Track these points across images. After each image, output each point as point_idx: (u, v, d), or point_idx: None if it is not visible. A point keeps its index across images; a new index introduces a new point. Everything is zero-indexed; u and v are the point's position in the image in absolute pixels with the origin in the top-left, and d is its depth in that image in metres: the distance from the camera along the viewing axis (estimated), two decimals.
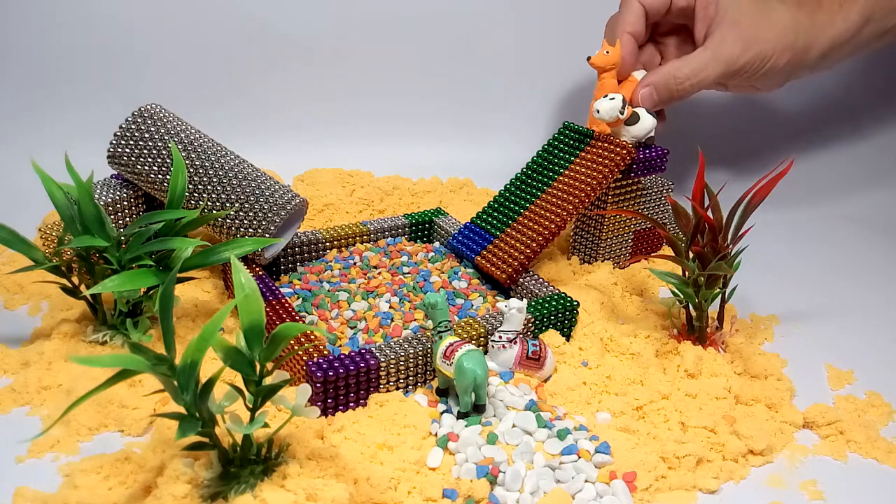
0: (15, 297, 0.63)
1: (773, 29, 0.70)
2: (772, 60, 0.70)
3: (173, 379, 0.36)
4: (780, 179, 0.56)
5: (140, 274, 0.52)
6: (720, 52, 0.69)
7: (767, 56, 0.70)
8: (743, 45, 0.69)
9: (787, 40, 0.70)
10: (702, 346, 0.58)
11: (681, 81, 0.69)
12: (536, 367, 0.53)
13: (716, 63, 0.69)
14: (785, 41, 0.70)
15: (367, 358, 0.49)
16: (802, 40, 0.71)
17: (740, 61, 0.69)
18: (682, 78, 0.69)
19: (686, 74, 0.69)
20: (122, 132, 0.63)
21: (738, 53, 0.69)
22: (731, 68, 0.69)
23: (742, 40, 0.69)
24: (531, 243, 0.64)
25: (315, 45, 0.96)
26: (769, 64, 0.70)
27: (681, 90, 0.69)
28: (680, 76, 0.69)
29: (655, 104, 0.70)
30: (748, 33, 0.69)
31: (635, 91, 0.70)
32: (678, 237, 0.58)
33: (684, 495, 0.46)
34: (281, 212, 0.62)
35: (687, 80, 0.69)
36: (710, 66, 0.69)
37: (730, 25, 0.69)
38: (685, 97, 0.70)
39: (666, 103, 0.71)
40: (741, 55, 0.69)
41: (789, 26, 0.70)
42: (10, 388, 0.51)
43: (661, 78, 0.69)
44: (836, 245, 0.85)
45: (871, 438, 0.52)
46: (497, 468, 0.44)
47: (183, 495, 0.40)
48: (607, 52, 0.67)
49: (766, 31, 0.70)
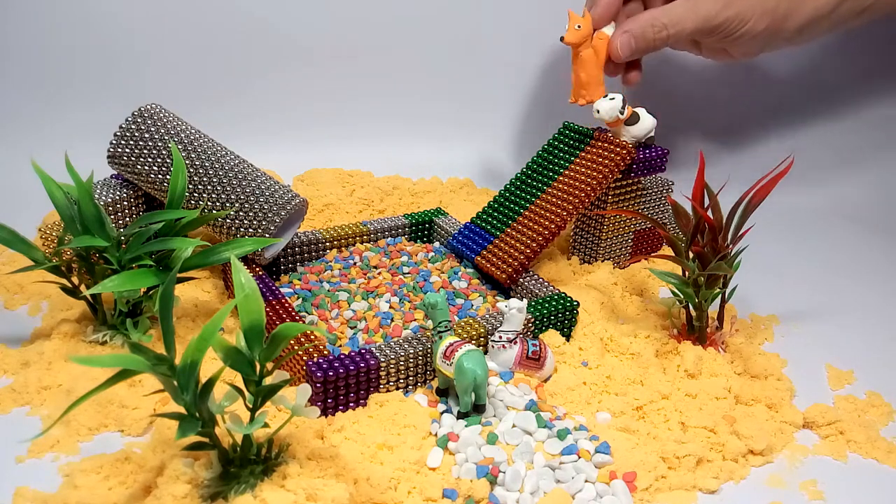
0: (15, 297, 0.63)
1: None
2: (750, 23, 0.70)
3: (173, 379, 0.36)
4: (781, 179, 0.57)
5: (140, 274, 0.52)
6: (700, 6, 0.69)
7: (746, 17, 0.69)
8: (724, 2, 0.68)
9: (769, 5, 0.70)
10: (702, 346, 0.58)
11: (658, 30, 0.69)
12: (536, 367, 0.53)
13: (695, 16, 0.69)
14: (766, 5, 0.69)
15: (367, 358, 0.49)
16: (784, 8, 0.70)
17: (719, 17, 0.69)
18: (659, 27, 0.69)
19: (664, 24, 0.69)
20: (122, 132, 0.63)
21: (718, 9, 0.68)
22: (708, 24, 0.69)
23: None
24: (531, 243, 0.64)
25: (315, 45, 0.96)
26: (747, 26, 0.70)
27: (658, 39, 0.69)
28: (657, 25, 0.69)
29: (633, 52, 0.70)
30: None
31: (612, 39, 0.69)
32: (678, 237, 0.58)
33: (684, 495, 0.46)
34: (281, 212, 0.62)
35: (664, 29, 0.69)
36: (689, 19, 0.69)
37: None
38: (661, 47, 0.70)
39: (643, 52, 0.70)
40: (721, 11, 0.69)
41: None
42: (10, 388, 0.51)
43: (639, 25, 0.69)
44: (836, 245, 0.85)
45: (871, 438, 0.52)
46: (497, 468, 0.44)
47: (183, 495, 0.40)
48: (578, 26, 0.66)
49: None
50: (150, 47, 0.92)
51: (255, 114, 0.96)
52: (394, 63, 0.98)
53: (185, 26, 0.92)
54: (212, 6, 0.92)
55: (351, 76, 0.98)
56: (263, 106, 0.96)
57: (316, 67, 0.97)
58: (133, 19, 0.91)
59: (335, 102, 0.98)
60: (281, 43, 0.95)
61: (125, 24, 0.91)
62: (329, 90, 0.98)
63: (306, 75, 0.97)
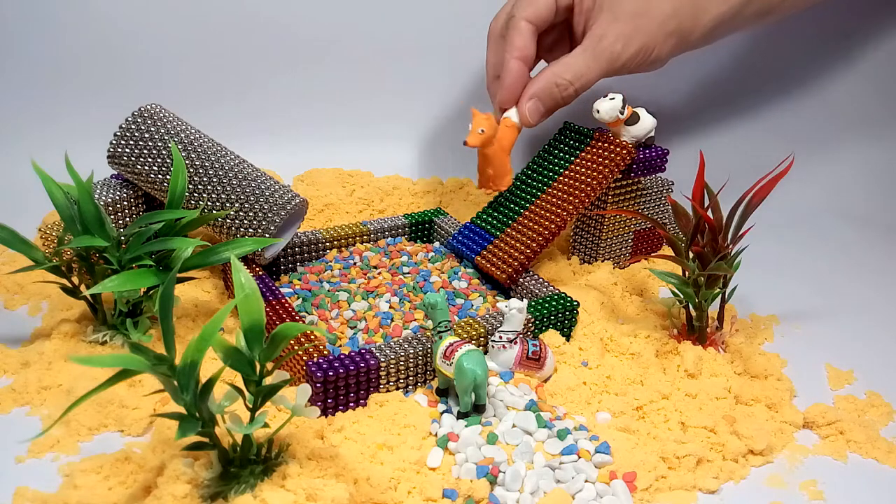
0: (15, 297, 0.63)
1: (653, 20, 0.65)
2: (656, 50, 0.67)
3: (173, 379, 0.36)
4: (781, 179, 0.57)
5: (140, 274, 0.52)
6: (600, 51, 0.65)
7: (651, 47, 0.66)
8: (624, 40, 0.65)
9: (670, 28, 0.66)
10: (702, 346, 0.58)
11: (564, 88, 0.65)
12: (536, 367, 0.53)
13: (597, 63, 0.65)
14: (667, 29, 0.66)
15: (367, 358, 0.49)
16: (686, 24, 0.67)
17: (623, 57, 0.65)
18: (564, 84, 0.65)
19: (569, 80, 0.64)
20: (122, 132, 0.63)
21: (620, 50, 0.65)
22: (613, 66, 0.65)
23: (623, 36, 0.65)
24: (531, 243, 0.64)
25: (315, 45, 0.96)
26: (654, 54, 0.67)
27: (565, 96, 0.65)
28: (562, 83, 0.64)
29: (542, 116, 0.66)
30: (627, 29, 0.65)
31: (520, 106, 0.66)
32: (678, 237, 0.58)
33: (684, 495, 0.46)
34: (281, 212, 0.62)
35: (570, 85, 0.65)
36: (592, 68, 0.65)
37: (608, 20, 0.65)
38: (571, 101, 0.67)
39: (553, 111, 0.66)
40: (623, 52, 0.65)
41: (670, 14, 0.66)
42: (10, 388, 0.51)
43: (543, 87, 0.65)
44: (836, 245, 0.85)
45: (871, 438, 0.52)
46: (497, 468, 0.44)
47: (183, 495, 0.40)
48: (482, 130, 0.61)
49: (647, 23, 0.65)
50: (150, 47, 0.92)
51: (255, 114, 0.96)
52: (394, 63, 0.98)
53: (186, 26, 0.92)
54: (212, 6, 0.92)
55: (351, 76, 0.98)
56: (263, 106, 0.96)
57: (316, 67, 0.96)
58: (133, 19, 0.91)
59: (335, 102, 0.98)
60: (281, 43, 0.95)
61: (125, 24, 0.91)
62: (329, 90, 0.98)
63: (306, 75, 0.96)
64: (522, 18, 0.66)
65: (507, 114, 0.66)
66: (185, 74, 0.93)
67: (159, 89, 0.89)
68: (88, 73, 0.91)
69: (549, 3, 0.66)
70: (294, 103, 0.97)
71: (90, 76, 0.91)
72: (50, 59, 0.90)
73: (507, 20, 0.67)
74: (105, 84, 0.91)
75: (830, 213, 0.93)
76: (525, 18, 0.66)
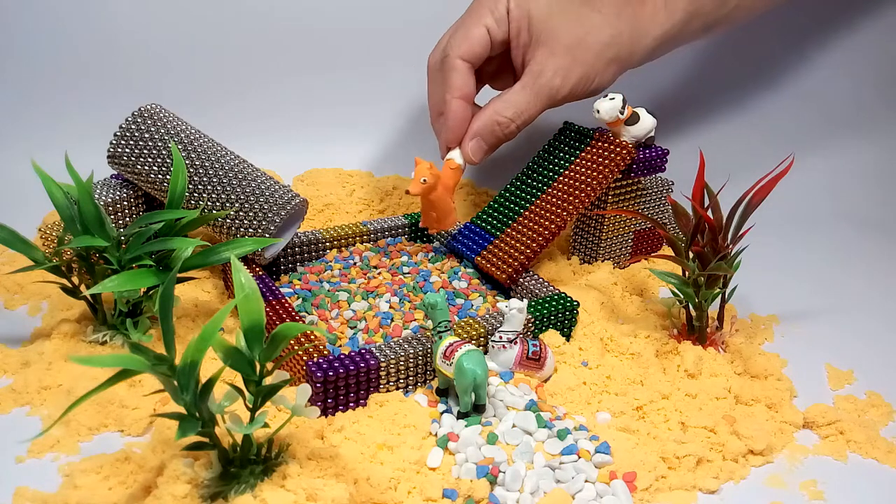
0: (15, 297, 0.63)
1: (590, 51, 0.65)
2: (596, 80, 0.66)
3: (173, 379, 0.36)
4: (781, 179, 0.57)
5: (140, 274, 0.52)
6: (539, 87, 0.64)
7: (590, 78, 0.65)
8: (563, 74, 0.64)
9: (608, 55, 0.65)
10: (702, 346, 0.58)
11: (506, 126, 0.65)
12: (537, 367, 0.53)
13: (537, 99, 0.65)
14: (606, 57, 0.65)
15: (367, 358, 0.49)
16: (625, 50, 0.66)
17: (563, 91, 0.65)
18: (505, 122, 0.64)
19: (509, 118, 0.64)
20: (122, 132, 0.63)
21: (559, 85, 0.64)
22: (554, 99, 0.65)
23: (561, 70, 0.64)
24: (531, 243, 0.64)
25: (316, 45, 0.96)
26: (595, 83, 0.66)
27: (508, 133, 0.65)
28: (503, 120, 0.64)
29: (486, 154, 0.66)
30: (565, 62, 0.64)
31: (463, 146, 0.66)
32: (678, 237, 0.58)
33: (684, 495, 0.46)
34: (281, 212, 0.62)
35: (511, 122, 0.65)
36: (532, 103, 0.65)
37: (545, 55, 0.64)
38: (513, 137, 0.66)
39: (496, 148, 0.67)
40: (562, 85, 0.64)
41: (608, 42, 0.65)
42: (10, 388, 0.51)
43: (484, 125, 0.65)
44: (836, 245, 0.85)
45: (871, 438, 0.52)
46: (497, 468, 0.44)
47: (183, 495, 0.40)
48: (424, 180, 0.62)
49: (584, 54, 0.65)
50: (150, 47, 0.92)
51: (255, 114, 0.96)
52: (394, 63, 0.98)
53: (186, 26, 0.92)
54: (212, 6, 0.92)
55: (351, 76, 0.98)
56: (263, 106, 0.96)
57: (316, 67, 0.96)
58: (133, 19, 0.91)
59: (335, 102, 0.98)
60: (281, 43, 0.95)
61: (125, 24, 0.91)
62: (330, 90, 0.98)
63: (307, 75, 0.96)
64: (457, 57, 0.65)
65: (451, 155, 0.66)
66: (186, 74, 0.93)
67: (159, 89, 0.89)
68: (88, 73, 0.91)
69: (483, 40, 0.65)
70: (294, 103, 0.97)
71: (90, 76, 0.91)
72: (50, 59, 0.90)
73: (442, 58, 0.66)
74: (105, 84, 0.91)
75: (830, 213, 0.93)
76: (460, 57, 0.65)
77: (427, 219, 0.66)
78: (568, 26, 0.64)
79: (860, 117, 1.02)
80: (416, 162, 0.62)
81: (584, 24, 0.65)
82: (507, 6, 0.65)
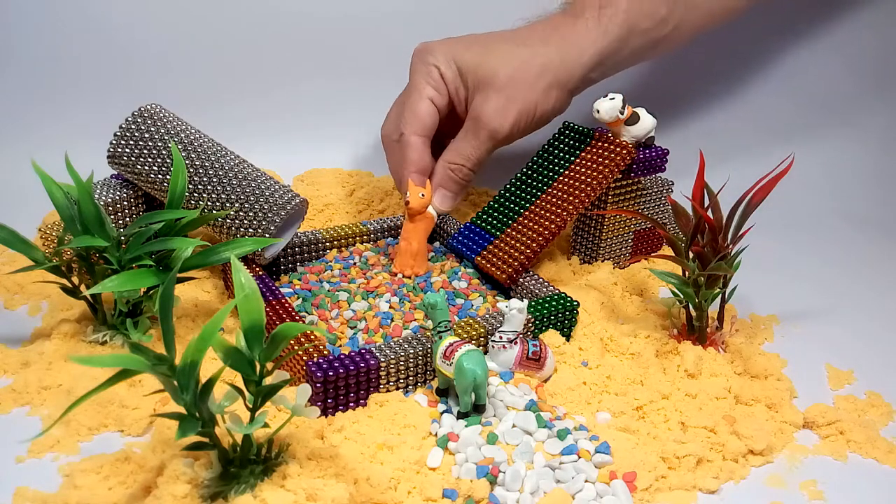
0: (15, 297, 0.63)
1: (524, 83, 0.66)
2: (538, 109, 0.67)
3: (173, 379, 0.36)
4: (781, 179, 0.57)
5: (140, 274, 0.52)
6: (481, 129, 0.66)
7: (531, 110, 0.67)
8: (500, 114, 0.66)
9: (544, 84, 0.66)
10: (702, 346, 0.58)
11: (459, 170, 0.67)
12: (537, 367, 0.53)
13: (480, 143, 0.67)
14: (541, 86, 0.66)
15: (367, 358, 0.49)
16: (563, 73, 0.67)
17: (504, 129, 0.66)
18: (458, 168, 0.67)
19: (460, 163, 0.67)
20: (122, 132, 0.63)
21: (499, 123, 0.66)
22: (498, 138, 0.67)
23: (498, 111, 0.66)
24: (531, 243, 0.64)
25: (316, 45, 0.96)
26: (538, 113, 0.67)
27: (464, 177, 0.68)
28: (455, 167, 0.67)
29: (454, 198, 0.69)
30: (500, 102, 0.66)
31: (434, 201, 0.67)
32: (678, 237, 0.58)
33: (684, 495, 0.46)
34: (281, 212, 0.62)
35: (462, 167, 0.67)
36: (477, 147, 0.67)
37: (482, 100, 0.66)
38: (472, 177, 0.69)
39: (462, 189, 0.69)
40: (502, 124, 0.66)
41: (539, 72, 0.66)
42: (10, 388, 0.51)
43: (442, 176, 0.68)
44: (836, 245, 0.85)
45: (871, 438, 0.52)
46: (497, 468, 0.44)
47: (183, 495, 0.40)
48: (422, 194, 0.64)
49: (517, 90, 0.66)
50: (150, 47, 0.92)
51: (255, 114, 0.96)
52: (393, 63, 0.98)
53: (186, 26, 0.92)
54: (212, 6, 0.92)
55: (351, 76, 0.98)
56: (264, 106, 0.96)
57: (317, 67, 0.97)
58: (133, 19, 0.91)
59: (335, 102, 0.98)
60: (281, 43, 0.95)
61: (125, 24, 0.91)
62: (329, 90, 0.98)
63: (306, 75, 0.96)
64: (412, 134, 0.68)
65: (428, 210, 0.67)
66: (186, 74, 0.93)
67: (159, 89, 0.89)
68: (88, 73, 0.91)
69: (431, 112, 0.68)
70: (294, 103, 0.97)
71: (90, 76, 0.91)
72: (50, 59, 0.90)
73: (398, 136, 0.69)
74: (105, 84, 0.91)
75: (830, 212, 0.93)
76: (414, 134, 0.68)
77: (404, 254, 0.65)
78: (497, 68, 0.66)
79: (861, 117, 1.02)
80: (410, 184, 0.65)
81: (513, 61, 0.67)
82: (438, 71, 0.68)
